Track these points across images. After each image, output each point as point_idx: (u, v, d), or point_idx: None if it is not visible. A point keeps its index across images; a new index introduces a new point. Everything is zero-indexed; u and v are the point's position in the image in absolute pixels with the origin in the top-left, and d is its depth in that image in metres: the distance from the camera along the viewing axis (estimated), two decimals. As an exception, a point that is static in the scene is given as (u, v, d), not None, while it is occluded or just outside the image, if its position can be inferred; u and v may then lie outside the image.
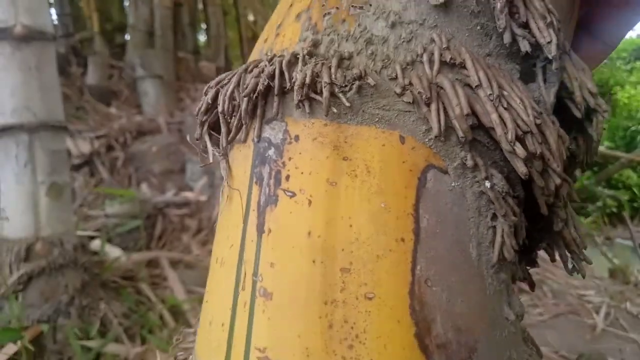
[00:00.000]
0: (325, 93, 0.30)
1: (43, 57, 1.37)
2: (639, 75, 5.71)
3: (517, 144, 0.30)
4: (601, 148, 4.10)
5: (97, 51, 3.91)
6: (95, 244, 1.88)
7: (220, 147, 0.36)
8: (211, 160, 0.36)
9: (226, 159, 0.36)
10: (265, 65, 0.32)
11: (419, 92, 0.30)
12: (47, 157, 1.38)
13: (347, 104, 0.30)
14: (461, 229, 0.32)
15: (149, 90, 3.51)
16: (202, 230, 2.24)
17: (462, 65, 0.31)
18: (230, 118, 0.35)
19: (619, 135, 5.01)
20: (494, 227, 0.32)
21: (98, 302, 1.47)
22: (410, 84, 0.31)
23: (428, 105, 0.30)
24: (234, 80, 0.33)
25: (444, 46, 0.31)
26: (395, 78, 0.31)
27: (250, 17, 5.51)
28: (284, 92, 0.32)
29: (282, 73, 0.31)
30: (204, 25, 5.22)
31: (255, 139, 0.33)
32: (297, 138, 0.32)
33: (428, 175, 0.31)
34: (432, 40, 0.31)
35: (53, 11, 3.80)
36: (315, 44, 0.33)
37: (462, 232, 0.32)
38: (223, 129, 0.35)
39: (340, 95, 0.30)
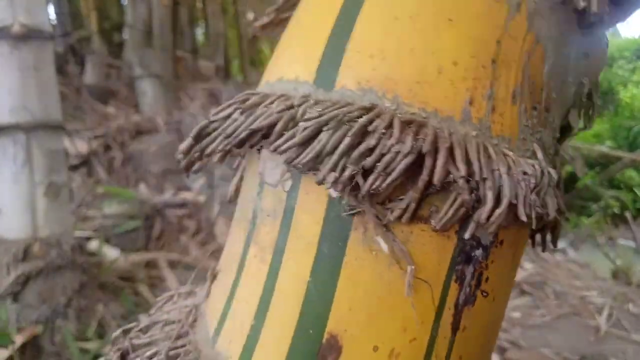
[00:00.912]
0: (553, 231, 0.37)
1: (41, 57, 1.35)
2: (641, 74, 5.67)
3: None
4: (603, 148, 4.08)
5: (95, 50, 3.89)
6: (93, 245, 1.87)
7: (386, 220, 0.32)
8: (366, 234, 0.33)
9: (391, 235, 0.32)
10: (520, 186, 0.31)
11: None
12: (44, 157, 1.37)
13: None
14: None
15: (147, 90, 3.48)
16: (201, 231, 2.23)
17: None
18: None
19: (622, 135, 4.96)
20: None
21: (96, 304, 1.45)
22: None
23: None
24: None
25: None
26: None
27: (250, 16, 5.49)
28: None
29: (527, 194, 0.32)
30: (202, 24, 5.21)
31: (467, 236, 0.32)
32: (502, 243, 0.33)
33: None
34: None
35: (51, 10, 3.78)
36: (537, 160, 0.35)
37: None
38: (410, 206, 0.32)
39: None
